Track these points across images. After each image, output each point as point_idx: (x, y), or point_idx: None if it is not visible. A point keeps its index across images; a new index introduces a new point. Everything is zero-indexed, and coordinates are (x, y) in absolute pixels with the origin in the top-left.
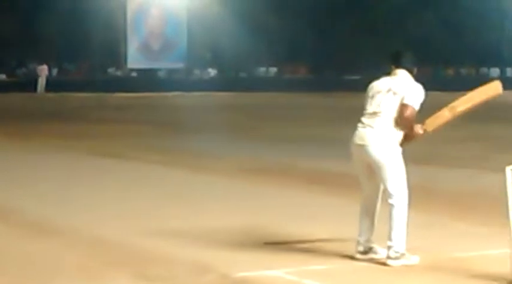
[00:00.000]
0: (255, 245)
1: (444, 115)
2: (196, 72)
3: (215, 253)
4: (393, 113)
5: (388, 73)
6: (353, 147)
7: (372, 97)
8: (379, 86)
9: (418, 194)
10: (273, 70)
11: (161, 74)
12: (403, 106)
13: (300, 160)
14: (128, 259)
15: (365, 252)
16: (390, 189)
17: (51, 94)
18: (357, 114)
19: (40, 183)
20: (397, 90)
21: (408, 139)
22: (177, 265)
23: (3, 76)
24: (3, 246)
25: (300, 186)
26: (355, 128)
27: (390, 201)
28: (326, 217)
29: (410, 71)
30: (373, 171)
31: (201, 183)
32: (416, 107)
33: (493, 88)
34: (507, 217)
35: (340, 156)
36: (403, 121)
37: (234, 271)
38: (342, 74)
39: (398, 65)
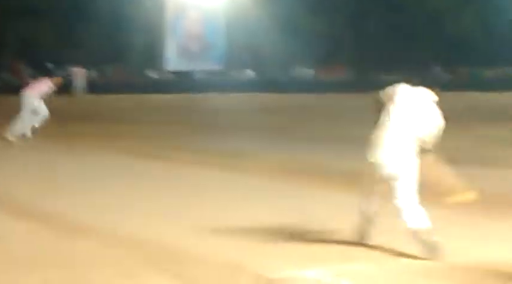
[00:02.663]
0: (290, 245)
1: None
2: (234, 73)
3: (250, 253)
4: None
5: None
6: None
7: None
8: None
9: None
10: (311, 71)
11: (199, 76)
12: None
13: (338, 161)
14: (163, 258)
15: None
16: None
17: (90, 96)
18: None
19: (78, 183)
20: None
21: None
22: (213, 266)
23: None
24: (41, 245)
25: (337, 187)
26: None
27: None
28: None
29: None
30: None
31: (236, 183)
32: None
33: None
34: None
35: None
36: None
37: (269, 272)
38: (380, 74)
39: None
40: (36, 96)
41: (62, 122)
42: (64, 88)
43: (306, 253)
